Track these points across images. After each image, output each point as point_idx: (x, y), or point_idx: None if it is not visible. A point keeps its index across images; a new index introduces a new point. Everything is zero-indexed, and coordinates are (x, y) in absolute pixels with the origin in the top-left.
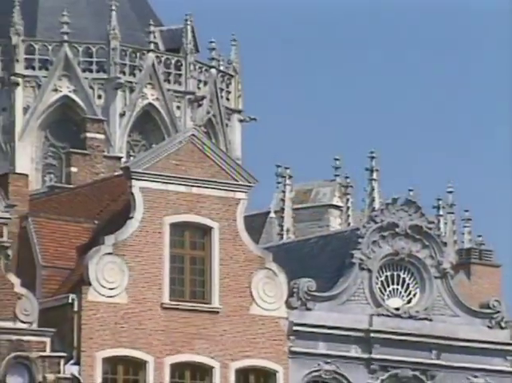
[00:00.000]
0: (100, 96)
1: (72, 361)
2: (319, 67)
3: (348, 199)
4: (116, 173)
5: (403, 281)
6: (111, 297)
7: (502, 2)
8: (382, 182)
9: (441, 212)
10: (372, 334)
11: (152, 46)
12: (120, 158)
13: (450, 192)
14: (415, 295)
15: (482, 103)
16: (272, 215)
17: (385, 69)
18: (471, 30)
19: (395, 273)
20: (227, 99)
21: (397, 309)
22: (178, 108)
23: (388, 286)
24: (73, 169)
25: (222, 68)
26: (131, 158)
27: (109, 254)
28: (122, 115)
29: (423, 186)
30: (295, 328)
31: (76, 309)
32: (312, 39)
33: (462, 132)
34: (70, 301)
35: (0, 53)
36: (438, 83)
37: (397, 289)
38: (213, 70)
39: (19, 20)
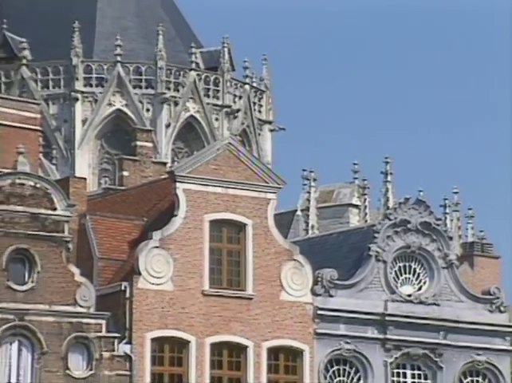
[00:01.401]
0: (148, 110)
1: (124, 341)
2: (339, 83)
3: (365, 199)
4: (163, 177)
5: (414, 271)
6: (158, 285)
7: (502, 2)
8: (395, 184)
9: (447, 210)
10: (386, 318)
11: (194, 65)
12: (165, 163)
13: (456, 193)
14: (424, 283)
15: (484, 107)
16: (299, 213)
17: (392, 81)
18: (480, 33)
19: (407, 264)
20: (259, 111)
21: (409, 295)
22: (216, 119)
23: (401, 275)
24: (125, 173)
25: (254, 84)
26: (176, 163)
27: (156, 247)
28: (167, 126)
29: (432, 187)
30: (319, 312)
31: (128, 295)
32: (331, 59)
33: (465, 138)
34: (123, 288)
35: (62, 72)
36: (444, 93)
37: (409, 278)
38: (247, 86)
39: (78, 43)
